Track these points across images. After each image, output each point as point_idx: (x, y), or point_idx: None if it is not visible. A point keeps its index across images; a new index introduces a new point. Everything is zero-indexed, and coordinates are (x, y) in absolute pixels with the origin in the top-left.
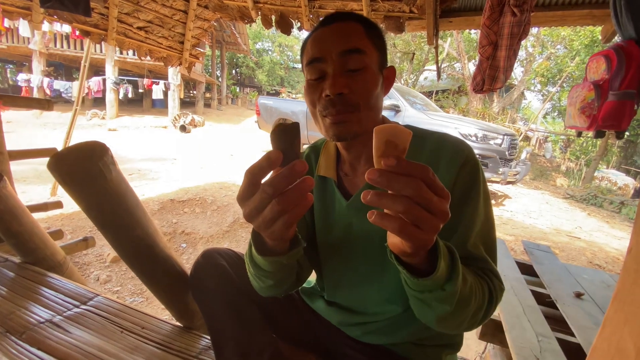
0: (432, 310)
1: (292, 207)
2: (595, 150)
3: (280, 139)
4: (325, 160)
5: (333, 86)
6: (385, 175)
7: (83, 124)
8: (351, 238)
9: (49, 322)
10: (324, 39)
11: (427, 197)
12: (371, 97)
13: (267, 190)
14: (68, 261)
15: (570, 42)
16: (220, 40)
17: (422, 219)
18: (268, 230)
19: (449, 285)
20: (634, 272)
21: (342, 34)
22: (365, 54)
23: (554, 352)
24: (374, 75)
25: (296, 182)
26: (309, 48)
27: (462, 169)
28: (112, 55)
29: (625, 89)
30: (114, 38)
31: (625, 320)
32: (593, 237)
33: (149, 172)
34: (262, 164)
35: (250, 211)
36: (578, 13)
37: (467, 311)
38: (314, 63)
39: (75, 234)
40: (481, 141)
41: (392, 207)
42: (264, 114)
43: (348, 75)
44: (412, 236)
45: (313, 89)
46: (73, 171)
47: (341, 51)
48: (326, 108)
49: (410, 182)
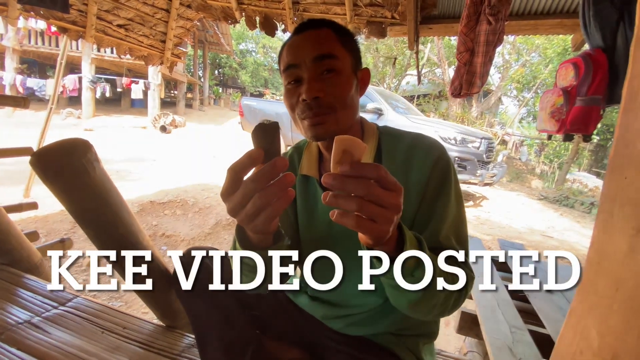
0: (404, 295)
1: (273, 202)
2: (568, 154)
3: (261, 137)
4: (307, 160)
5: (309, 91)
6: (338, 178)
7: (58, 123)
8: (332, 233)
9: (27, 322)
10: (298, 46)
11: (377, 193)
12: (346, 98)
13: (250, 186)
14: (45, 263)
15: (544, 50)
16: (203, 40)
17: (376, 214)
18: (251, 224)
19: (417, 272)
20: (596, 264)
21: (314, 40)
22: (337, 58)
23: (525, 342)
24: (348, 77)
25: (278, 177)
26: (285, 55)
27: (435, 166)
28: (89, 53)
29: (591, 95)
30: (92, 35)
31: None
32: (565, 236)
33: (127, 173)
34: (244, 161)
35: (233, 206)
36: (549, 22)
37: (437, 297)
38: (289, 69)
39: (49, 237)
40: (460, 144)
41: (346, 207)
42: (247, 115)
43: (322, 79)
44: (369, 230)
45: (291, 94)
46: (56, 168)
47: (314, 57)
48: (304, 111)
49: (359, 183)
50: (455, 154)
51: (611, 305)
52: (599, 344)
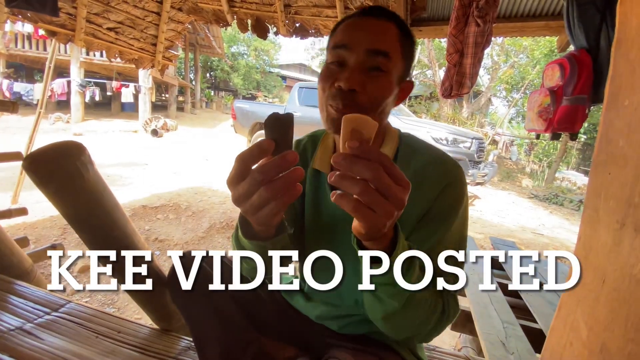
0: (381, 305)
1: (280, 195)
2: (556, 153)
3: (273, 128)
4: (321, 154)
5: (348, 80)
6: (348, 158)
7: (46, 128)
8: (336, 231)
9: (19, 329)
10: (357, 28)
11: (384, 181)
12: (382, 102)
13: (257, 177)
14: (35, 269)
15: (531, 51)
16: (194, 43)
17: (376, 202)
18: (255, 215)
19: (406, 277)
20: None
21: (376, 30)
22: (391, 60)
23: (518, 337)
24: (392, 83)
25: (286, 171)
26: (339, 32)
27: (447, 187)
28: (77, 56)
29: (577, 94)
30: (82, 39)
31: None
32: (555, 233)
33: (119, 177)
34: (253, 151)
35: (238, 195)
36: (535, 24)
37: (414, 317)
38: (339, 49)
39: (39, 243)
40: (451, 144)
41: (349, 188)
42: (240, 117)
43: (366, 74)
44: (366, 217)
45: (329, 75)
46: (49, 171)
47: (369, 48)
48: (334, 98)
49: (368, 165)
50: None
51: (598, 297)
52: (587, 335)
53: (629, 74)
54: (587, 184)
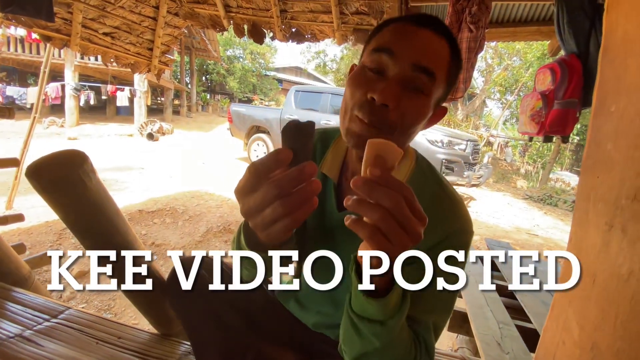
0: (361, 341)
1: (295, 211)
2: (550, 154)
3: (293, 137)
4: (332, 159)
5: (383, 93)
6: (369, 183)
7: (40, 132)
8: (338, 242)
9: (19, 336)
10: (408, 37)
11: (404, 212)
12: (413, 125)
13: (272, 191)
14: (33, 276)
15: (524, 54)
16: (190, 46)
17: (394, 233)
18: (266, 231)
19: (391, 321)
20: None
21: (429, 45)
22: (435, 82)
23: (513, 337)
24: (429, 107)
25: (303, 184)
26: (387, 34)
27: (454, 235)
28: (71, 60)
29: (568, 98)
30: (77, 44)
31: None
32: (549, 233)
33: (114, 182)
34: (269, 161)
35: (249, 209)
36: (527, 29)
37: (388, 358)
38: (381, 53)
39: (34, 249)
40: (447, 147)
41: (368, 214)
42: (236, 121)
43: (406, 91)
44: (380, 246)
45: (363, 81)
46: (53, 179)
47: (416, 64)
48: (361, 109)
49: (390, 194)
50: (443, 156)
51: (589, 296)
52: (579, 334)
53: (615, 81)
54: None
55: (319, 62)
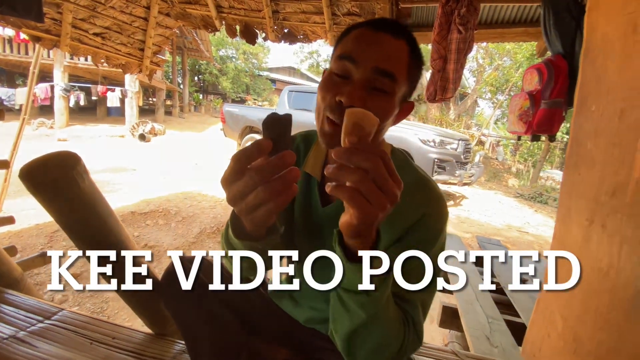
0: (348, 315)
1: (276, 196)
2: (540, 153)
3: (272, 128)
4: (314, 158)
5: (350, 96)
6: (347, 150)
7: (29, 134)
8: (325, 237)
9: (12, 337)
10: (367, 42)
11: (382, 173)
12: (381, 123)
13: (254, 177)
14: (25, 278)
15: (514, 54)
16: (182, 46)
17: (373, 193)
18: (249, 215)
19: (375, 293)
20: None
21: (386, 49)
22: (396, 83)
23: (502, 331)
24: (393, 105)
25: (283, 172)
26: (349, 42)
27: (427, 217)
28: (61, 61)
29: (554, 98)
30: (67, 44)
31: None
32: (540, 231)
33: (106, 184)
34: (250, 150)
35: (233, 195)
36: (515, 31)
37: (377, 334)
38: (345, 60)
39: (25, 252)
40: (439, 146)
41: (347, 177)
42: (229, 121)
43: (369, 92)
44: (361, 207)
45: (331, 85)
46: (46, 181)
47: (376, 67)
48: (332, 111)
49: (367, 156)
50: (435, 155)
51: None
52: (562, 326)
53: (595, 81)
54: (561, 185)
55: (312, 62)
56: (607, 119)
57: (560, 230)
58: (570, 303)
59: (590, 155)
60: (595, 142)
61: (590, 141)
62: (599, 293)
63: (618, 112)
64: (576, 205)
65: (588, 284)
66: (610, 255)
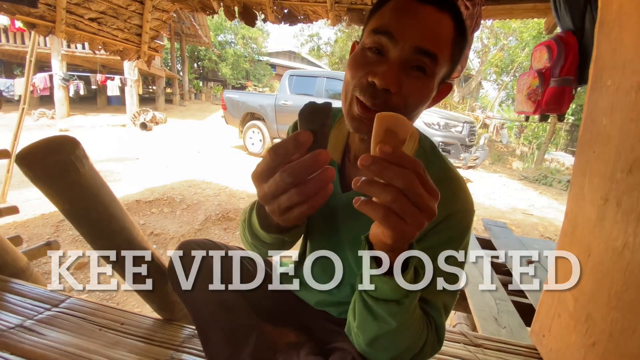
0: (376, 323)
1: (310, 198)
2: (545, 135)
3: (310, 119)
4: (334, 141)
5: (386, 77)
6: (379, 162)
7: (30, 124)
8: (338, 227)
9: (19, 326)
10: (409, 15)
11: (418, 191)
12: (418, 107)
13: (286, 179)
14: (32, 267)
15: (520, 33)
16: (180, 32)
17: (408, 212)
18: (282, 217)
19: (406, 299)
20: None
21: (430, 26)
22: (438, 63)
23: (509, 312)
24: (431, 87)
25: (318, 172)
26: (386, 13)
27: (455, 215)
28: (58, 49)
29: (564, 75)
30: (62, 30)
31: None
32: (544, 213)
33: (110, 173)
34: (288, 145)
35: (265, 195)
36: (524, 6)
37: (402, 340)
38: (381, 34)
39: (31, 242)
40: (443, 129)
41: (380, 196)
42: (230, 108)
43: (407, 73)
44: (396, 227)
45: (363, 63)
46: (45, 166)
47: (418, 47)
48: (363, 92)
49: (402, 172)
50: (440, 139)
51: (583, 270)
52: (574, 306)
53: (610, 55)
54: (574, 163)
55: (312, 46)
56: (623, 93)
57: (573, 209)
58: (582, 282)
59: (606, 132)
60: (611, 118)
61: (605, 117)
62: (613, 272)
63: (635, 86)
64: (590, 184)
65: (601, 263)
66: (625, 234)
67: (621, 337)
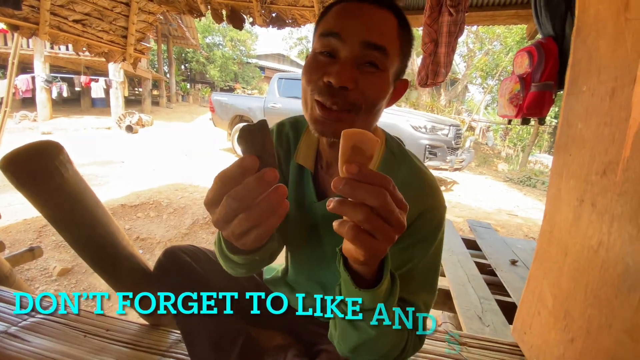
0: (356, 332)
1: (264, 220)
2: (529, 137)
3: (251, 141)
4: (305, 148)
5: (340, 75)
6: (349, 183)
7: (11, 127)
8: (318, 234)
9: (4, 333)
10: (351, 15)
11: (389, 208)
12: (376, 103)
13: (232, 205)
14: (15, 273)
15: (504, 39)
16: (167, 34)
17: (379, 230)
18: (239, 241)
19: (384, 307)
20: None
21: (373, 20)
22: (388, 56)
23: (493, 311)
24: (387, 82)
25: (267, 192)
26: (331, 17)
27: (427, 213)
28: (41, 51)
29: (544, 80)
30: (46, 32)
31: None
32: (529, 214)
33: (94, 177)
34: (233, 172)
35: (217, 221)
36: (506, 13)
37: (384, 345)
38: (329, 37)
39: (13, 248)
40: (430, 132)
41: (351, 215)
42: (218, 110)
43: (360, 70)
44: (366, 245)
45: (316, 66)
46: (28, 171)
47: (365, 41)
48: (321, 93)
49: (374, 191)
50: (426, 142)
51: (562, 268)
52: (552, 304)
53: (586, 60)
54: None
55: (301, 49)
56: (598, 98)
57: (551, 210)
58: (560, 281)
59: (581, 136)
60: (586, 123)
61: (581, 121)
62: (589, 270)
63: (609, 91)
64: (566, 186)
65: (578, 262)
66: (600, 233)
67: (598, 332)
